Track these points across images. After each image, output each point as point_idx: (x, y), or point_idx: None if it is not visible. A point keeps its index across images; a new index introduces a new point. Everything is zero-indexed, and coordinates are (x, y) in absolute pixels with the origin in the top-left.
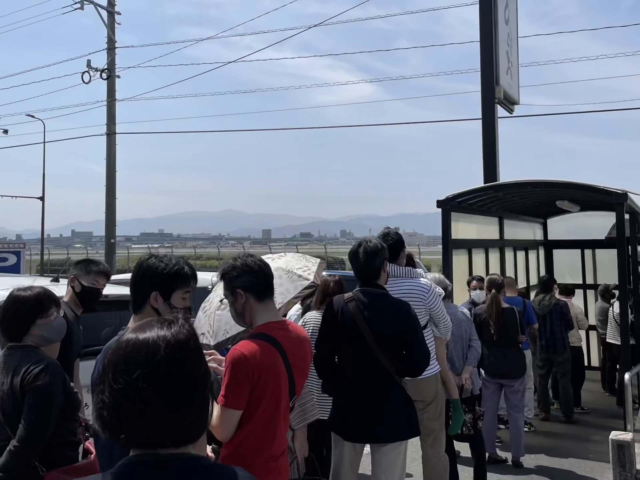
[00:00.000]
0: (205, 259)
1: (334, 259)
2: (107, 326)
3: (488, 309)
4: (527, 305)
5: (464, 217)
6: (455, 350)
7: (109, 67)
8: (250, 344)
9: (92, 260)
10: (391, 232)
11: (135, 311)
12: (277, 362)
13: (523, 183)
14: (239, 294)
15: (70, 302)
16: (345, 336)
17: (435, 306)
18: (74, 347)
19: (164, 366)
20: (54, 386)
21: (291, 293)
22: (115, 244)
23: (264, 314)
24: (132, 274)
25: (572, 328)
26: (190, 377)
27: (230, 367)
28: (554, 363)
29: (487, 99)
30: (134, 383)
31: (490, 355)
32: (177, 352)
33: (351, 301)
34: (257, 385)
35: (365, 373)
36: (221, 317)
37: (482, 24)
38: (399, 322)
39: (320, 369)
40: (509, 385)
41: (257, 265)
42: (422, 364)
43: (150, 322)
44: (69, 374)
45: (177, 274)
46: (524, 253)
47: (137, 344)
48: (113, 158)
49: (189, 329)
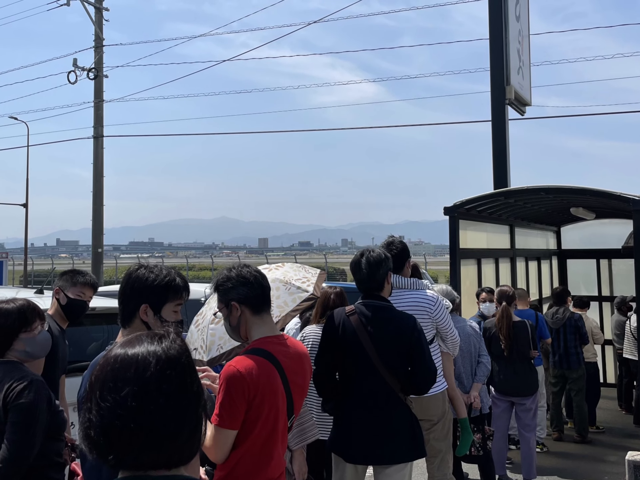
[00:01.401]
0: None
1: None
2: (94, 341)
3: (498, 322)
4: (540, 318)
5: (473, 225)
6: (464, 366)
7: (97, 66)
8: (245, 360)
9: (79, 270)
10: (395, 241)
11: (124, 325)
12: (275, 379)
13: (535, 189)
14: (234, 307)
15: (56, 315)
16: (346, 351)
17: (442, 319)
18: (59, 362)
19: (154, 383)
20: (39, 404)
21: (289, 306)
22: (103, 254)
23: (261, 328)
24: (120, 285)
25: (587, 342)
26: (183, 395)
27: (225, 384)
28: (567, 380)
29: (497, 100)
30: (122, 401)
31: (501, 371)
32: (168, 368)
33: (353, 314)
34: (253, 403)
35: (368, 391)
36: (215, 332)
37: (491, 21)
38: (404, 336)
39: (320, 386)
40: (520, 403)
41: (253, 276)
42: (428, 381)
43: (140, 336)
44: (54, 391)
45: (168, 285)
46: (537, 263)
47: (126, 359)
48: (100, 162)
49: (181, 344)
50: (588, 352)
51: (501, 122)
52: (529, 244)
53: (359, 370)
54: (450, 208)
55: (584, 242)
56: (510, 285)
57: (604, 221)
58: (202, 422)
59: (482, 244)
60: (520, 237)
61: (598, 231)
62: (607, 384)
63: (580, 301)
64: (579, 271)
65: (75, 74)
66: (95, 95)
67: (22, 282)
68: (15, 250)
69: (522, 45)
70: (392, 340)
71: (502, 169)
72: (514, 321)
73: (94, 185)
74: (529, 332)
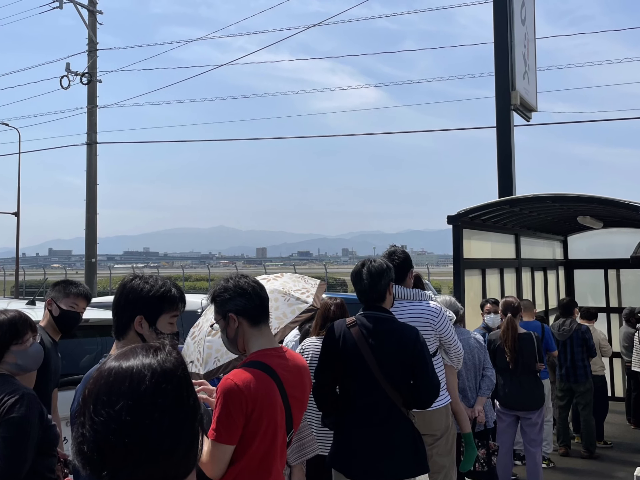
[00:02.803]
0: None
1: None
2: (87, 353)
3: (503, 334)
4: (546, 330)
5: (477, 234)
6: (468, 379)
7: (90, 71)
8: (243, 373)
9: (71, 281)
10: (397, 251)
11: (118, 337)
12: (273, 392)
13: (541, 197)
14: (232, 319)
15: (48, 327)
16: (347, 364)
17: (446, 331)
18: (51, 376)
19: (149, 397)
20: (30, 418)
21: (288, 317)
22: (96, 264)
23: (259, 340)
24: (114, 296)
25: (594, 355)
26: (179, 409)
27: (222, 398)
28: (574, 393)
29: (502, 106)
30: (116, 415)
31: (506, 385)
32: (163, 381)
33: (354, 326)
34: (251, 418)
35: (369, 405)
36: (212, 344)
37: (496, 24)
38: (406, 349)
39: (320, 400)
40: (525, 417)
41: (251, 287)
42: (431, 395)
43: (135, 349)
44: (47, 405)
45: (163, 296)
46: (543, 273)
47: (120, 372)
48: (94, 170)
49: (177, 356)
50: (595, 365)
51: (506, 128)
52: (534, 253)
53: (360, 384)
54: (454, 217)
55: (592, 252)
56: (515, 296)
57: (612, 230)
58: (198, 437)
59: (487, 253)
60: (526, 246)
61: (606, 240)
62: (615, 398)
63: (588, 312)
64: (587, 282)
65: (68, 79)
66: (88, 100)
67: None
68: (6, 260)
69: (528, 49)
70: (394, 353)
71: (507, 176)
72: (520, 333)
73: (87, 194)
74: (535, 345)
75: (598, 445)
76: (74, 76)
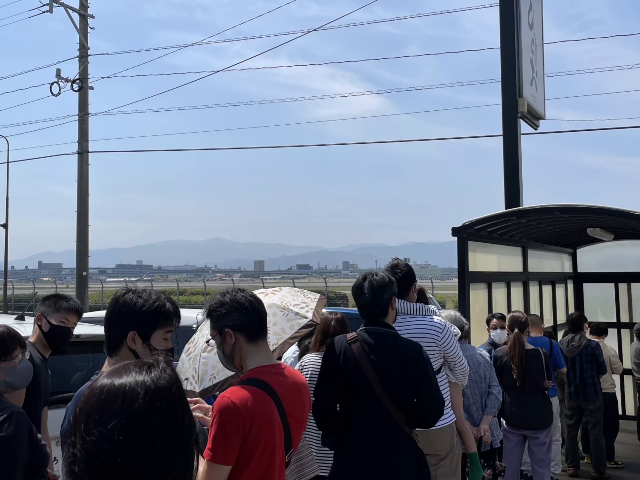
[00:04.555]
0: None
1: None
2: (78, 370)
3: (510, 350)
4: (554, 346)
5: (483, 246)
6: (473, 397)
7: (81, 77)
8: (240, 391)
9: (62, 295)
10: (400, 264)
11: (111, 353)
12: (271, 411)
13: (550, 208)
14: (228, 334)
15: (37, 342)
16: (348, 382)
17: (450, 348)
18: (41, 393)
19: (143, 416)
20: (19, 437)
21: (287, 333)
22: (88, 277)
23: (256, 357)
24: (106, 311)
25: (604, 372)
26: (173, 428)
27: (218, 416)
28: (584, 412)
29: (508, 113)
30: (109, 435)
31: (513, 403)
32: (157, 399)
33: (355, 342)
34: (249, 437)
35: (371, 424)
36: (207, 361)
37: (502, 29)
38: (409, 365)
39: (320, 419)
40: (533, 436)
41: (249, 301)
42: (435, 413)
43: (128, 365)
44: (36, 424)
45: (157, 311)
46: (551, 287)
47: (113, 390)
48: (85, 180)
49: (171, 373)
50: (606, 383)
51: (513, 136)
52: (542, 266)
53: (361, 402)
54: (459, 228)
55: (602, 265)
56: (522, 311)
57: (623, 242)
58: (193, 457)
59: (493, 266)
60: (534, 259)
61: (617, 253)
62: (626, 416)
63: (598, 328)
64: (596, 296)
65: (58, 86)
66: (79, 108)
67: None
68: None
69: (536, 54)
70: (396, 370)
71: (514, 186)
72: (527, 349)
73: (78, 204)
74: (543, 361)
75: (608, 466)
76: (65, 82)
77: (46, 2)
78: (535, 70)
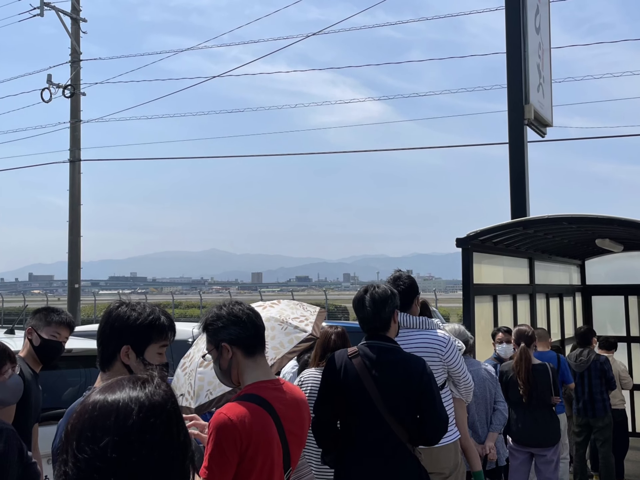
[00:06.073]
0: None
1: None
2: (70, 386)
3: (516, 365)
4: (562, 361)
5: (488, 258)
6: (478, 413)
7: (73, 83)
8: (237, 407)
9: (53, 308)
10: (403, 276)
11: (103, 368)
12: (269, 428)
13: (557, 218)
14: (225, 349)
15: (28, 357)
16: (348, 398)
17: (455, 362)
18: (32, 410)
19: (136, 433)
20: (9, 455)
21: (286, 347)
22: (80, 290)
23: (254, 372)
24: (99, 324)
25: (614, 388)
26: (168, 446)
27: (215, 434)
28: (592, 429)
29: (515, 120)
30: (101, 452)
31: (519, 419)
32: (152, 416)
33: (356, 357)
34: (246, 455)
35: (373, 441)
36: (204, 376)
37: (508, 33)
38: (412, 381)
39: (320, 436)
40: (540, 454)
41: (246, 314)
42: (439, 430)
43: (121, 381)
44: (27, 442)
45: (152, 324)
46: (558, 300)
47: (106, 406)
48: (77, 189)
49: (166, 389)
50: (615, 399)
51: (519, 144)
52: (550, 279)
53: (362, 419)
54: (464, 239)
55: (611, 277)
56: (529, 324)
57: (632, 254)
58: (189, 476)
59: (499, 279)
60: (541, 271)
61: (626, 265)
62: (636, 434)
63: (607, 342)
64: (606, 309)
65: (49, 92)
66: (71, 115)
67: None
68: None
69: (543, 59)
70: (399, 386)
71: (520, 196)
72: (534, 364)
73: (70, 215)
74: (550, 377)
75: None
76: (56, 88)
77: (37, 5)
78: (542, 75)
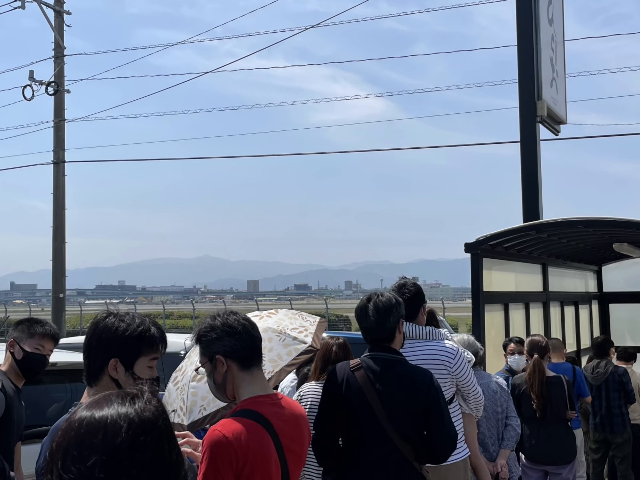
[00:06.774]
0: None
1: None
2: (55, 401)
3: (529, 378)
4: (578, 373)
5: (499, 264)
6: (489, 429)
7: (57, 80)
8: (233, 424)
9: (36, 319)
10: (408, 283)
11: (90, 383)
12: (267, 445)
13: (572, 221)
14: (219, 361)
15: (10, 371)
16: (351, 413)
17: (464, 375)
18: (14, 427)
19: (125, 451)
20: None
21: (284, 360)
22: (65, 300)
23: (250, 386)
24: (85, 336)
25: (633, 401)
26: (159, 465)
27: (209, 452)
28: (610, 445)
29: (526, 117)
30: (89, 472)
31: (532, 435)
32: (142, 433)
33: (358, 369)
34: (242, 474)
35: (377, 459)
36: (197, 390)
37: (519, 24)
38: (419, 395)
39: (321, 453)
40: (555, 472)
41: (242, 325)
42: (447, 447)
43: (109, 396)
44: (9, 461)
45: (141, 336)
46: (574, 308)
47: (93, 423)
48: (62, 192)
49: (157, 405)
50: (634, 413)
51: (531, 143)
52: (564, 285)
53: (365, 435)
54: (473, 244)
55: (629, 284)
56: (542, 334)
57: None
58: None
59: (510, 286)
60: (555, 277)
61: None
62: None
63: (626, 353)
64: (624, 317)
65: (31, 89)
66: (55, 113)
67: None
68: None
69: (556, 52)
70: (404, 400)
71: (532, 198)
72: (548, 377)
73: (54, 219)
74: (566, 390)
75: None
76: (39, 86)
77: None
78: (555, 69)
